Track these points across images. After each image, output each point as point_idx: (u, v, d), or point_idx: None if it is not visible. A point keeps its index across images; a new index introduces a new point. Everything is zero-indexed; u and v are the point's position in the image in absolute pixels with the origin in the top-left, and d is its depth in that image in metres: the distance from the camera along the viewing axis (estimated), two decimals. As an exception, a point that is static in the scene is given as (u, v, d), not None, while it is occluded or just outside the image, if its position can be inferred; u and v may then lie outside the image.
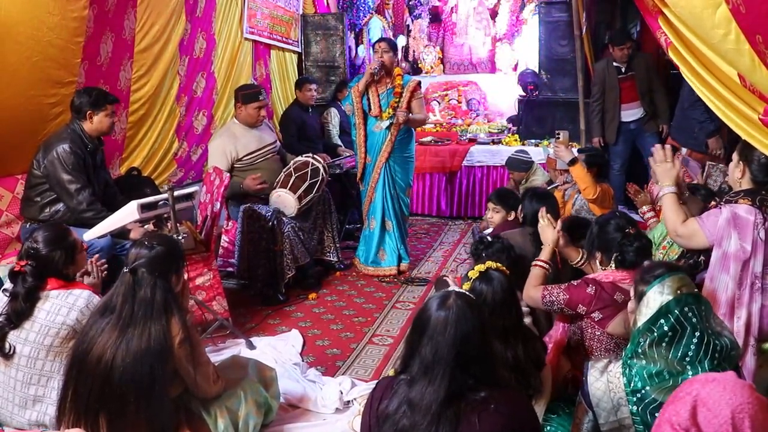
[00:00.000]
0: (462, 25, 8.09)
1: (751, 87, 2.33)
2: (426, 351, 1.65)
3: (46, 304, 2.53)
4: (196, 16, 5.40)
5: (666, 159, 2.74)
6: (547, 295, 2.63)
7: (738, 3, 2.02)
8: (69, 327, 2.49)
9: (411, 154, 5.05)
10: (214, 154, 4.51)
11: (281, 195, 4.42)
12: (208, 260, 3.85)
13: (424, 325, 1.68)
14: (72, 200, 3.48)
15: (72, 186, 3.47)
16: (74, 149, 3.48)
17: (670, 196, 2.71)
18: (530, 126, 6.93)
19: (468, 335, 1.65)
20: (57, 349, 2.50)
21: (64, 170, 3.45)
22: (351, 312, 4.29)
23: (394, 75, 4.88)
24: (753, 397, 1.42)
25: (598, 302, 2.50)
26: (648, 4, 3.07)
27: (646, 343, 1.97)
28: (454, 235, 6.28)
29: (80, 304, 2.52)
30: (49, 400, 2.51)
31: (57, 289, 2.56)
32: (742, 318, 2.49)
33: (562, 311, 2.62)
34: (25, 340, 2.50)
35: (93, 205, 3.51)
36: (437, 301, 1.71)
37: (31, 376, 2.51)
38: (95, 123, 3.60)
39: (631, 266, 2.56)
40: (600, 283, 2.54)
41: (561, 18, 6.63)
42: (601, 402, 2.05)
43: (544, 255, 2.89)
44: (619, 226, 2.64)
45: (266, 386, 2.67)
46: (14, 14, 3.50)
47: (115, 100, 3.73)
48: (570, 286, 2.62)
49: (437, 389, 1.60)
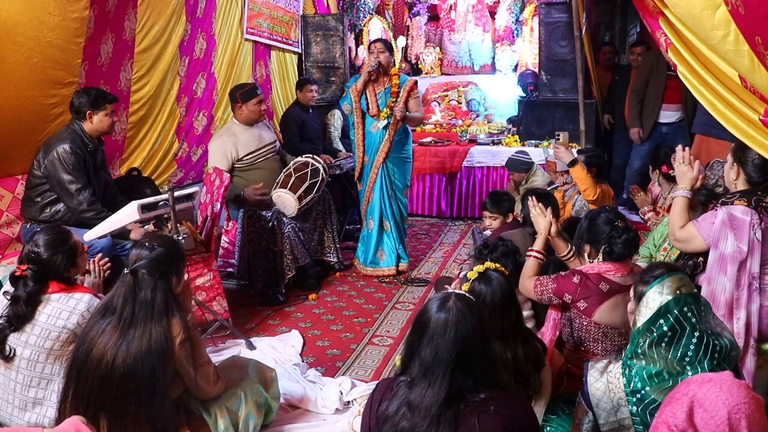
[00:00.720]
0: (461, 21, 8.07)
1: (752, 88, 2.33)
2: (426, 353, 1.65)
3: (47, 307, 2.52)
4: (196, 16, 5.41)
5: (685, 161, 2.77)
6: (538, 285, 2.72)
7: (737, 4, 2.02)
8: (70, 331, 2.48)
9: (408, 154, 5.06)
10: (215, 155, 4.51)
11: (281, 195, 4.42)
12: (208, 261, 3.85)
13: (424, 327, 1.69)
14: (72, 200, 3.48)
15: (72, 186, 3.47)
16: (74, 149, 3.48)
17: (680, 199, 2.75)
18: (530, 126, 6.93)
19: (468, 337, 1.65)
20: (57, 352, 2.50)
21: (65, 170, 3.45)
22: (351, 312, 4.29)
23: (391, 75, 4.89)
24: (749, 396, 1.43)
25: (582, 291, 2.57)
26: (648, 4, 3.07)
27: (645, 344, 1.97)
28: (454, 236, 6.28)
29: (81, 308, 2.51)
30: (49, 403, 2.51)
31: (58, 292, 2.55)
32: (742, 319, 2.50)
33: (551, 300, 2.69)
34: (25, 343, 2.49)
35: (93, 205, 3.51)
36: (437, 303, 1.71)
37: (31, 379, 2.50)
38: (95, 123, 3.60)
39: (618, 258, 2.63)
40: (585, 274, 2.62)
41: (561, 19, 6.63)
42: (601, 402, 2.05)
43: (537, 245, 2.94)
44: (609, 219, 2.68)
45: (266, 387, 2.67)
46: (15, 15, 3.50)
47: (114, 100, 3.73)
48: (558, 276, 2.70)
49: (437, 391, 1.61)
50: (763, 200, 2.54)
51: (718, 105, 2.59)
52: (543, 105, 6.89)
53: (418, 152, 6.73)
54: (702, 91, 2.69)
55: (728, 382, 1.45)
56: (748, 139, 2.44)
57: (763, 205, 2.53)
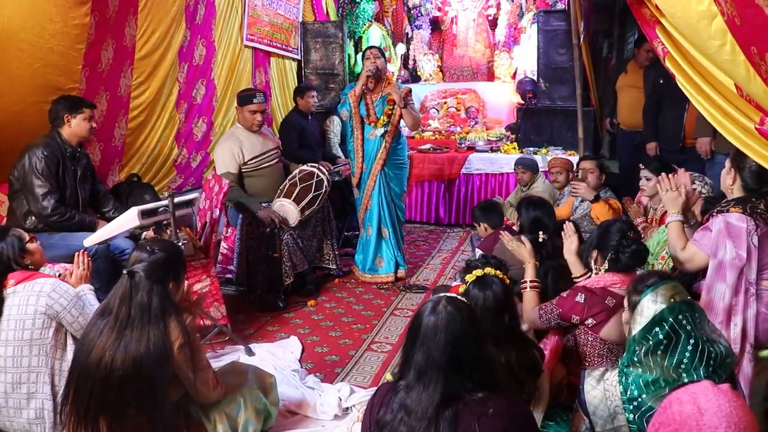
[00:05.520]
0: (462, 37, 8.15)
1: (748, 97, 2.34)
2: (419, 357, 1.67)
3: (15, 299, 2.56)
4: (196, 23, 5.43)
5: (671, 188, 2.82)
6: (543, 315, 2.69)
7: (733, 15, 2.04)
8: (42, 314, 2.52)
9: (404, 159, 5.09)
10: (223, 157, 4.51)
11: (284, 205, 4.42)
12: (207, 266, 3.86)
13: (416, 332, 1.70)
14: (37, 204, 3.46)
15: (39, 190, 3.45)
16: (47, 154, 3.47)
17: (674, 224, 2.79)
18: (529, 134, 6.96)
19: (459, 339, 1.66)
20: (38, 341, 2.52)
21: (34, 175, 3.44)
22: (350, 319, 4.30)
23: (386, 82, 4.92)
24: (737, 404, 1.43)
25: (590, 309, 2.54)
26: (646, 13, 3.09)
27: (641, 352, 1.98)
28: (452, 243, 6.29)
29: (47, 290, 2.55)
30: (43, 395, 2.53)
31: (21, 282, 2.60)
32: (738, 325, 2.51)
33: (560, 325, 2.66)
34: (5, 342, 2.52)
35: (58, 209, 3.48)
36: (428, 308, 1.73)
37: (20, 375, 2.52)
38: (73, 126, 3.58)
39: (623, 269, 2.62)
40: (590, 290, 2.59)
41: (559, 27, 6.67)
42: (598, 410, 2.06)
43: (528, 275, 2.94)
44: (621, 229, 2.69)
45: (265, 392, 2.68)
46: (16, 21, 3.52)
47: (91, 106, 3.72)
48: (560, 299, 2.67)
49: (432, 393, 1.62)
50: (758, 207, 2.56)
51: (714, 113, 2.60)
52: (541, 112, 6.92)
53: (416, 159, 6.75)
54: (699, 99, 2.70)
55: (714, 393, 1.45)
56: (744, 147, 2.45)
57: (759, 212, 2.55)
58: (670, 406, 1.50)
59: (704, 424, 1.40)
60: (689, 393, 1.48)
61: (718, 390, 1.46)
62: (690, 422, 1.42)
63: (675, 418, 1.46)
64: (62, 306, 2.54)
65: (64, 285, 2.62)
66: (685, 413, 1.44)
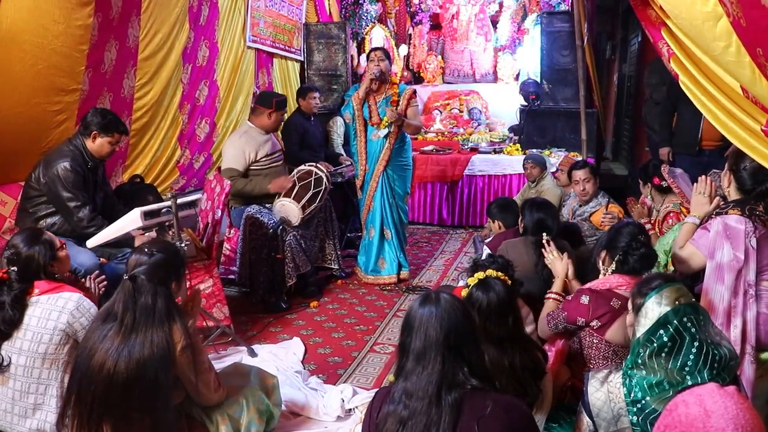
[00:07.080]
0: (463, 31, 8.11)
1: (753, 98, 2.34)
2: (416, 342, 1.69)
3: (37, 309, 2.51)
4: (199, 24, 5.43)
5: (704, 193, 2.82)
6: (550, 320, 2.70)
7: (738, 16, 2.03)
8: (61, 332, 2.48)
9: (408, 161, 5.09)
10: (233, 151, 4.53)
11: (285, 204, 4.41)
12: (210, 267, 3.86)
13: (411, 323, 1.73)
14: (72, 217, 3.48)
15: (72, 203, 3.46)
16: (74, 167, 3.47)
17: (688, 225, 2.83)
18: (532, 135, 6.95)
19: (454, 320, 1.70)
20: (52, 356, 2.49)
21: (64, 188, 3.45)
22: (352, 320, 4.30)
23: (390, 83, 4.93)
24: (744, 407, 1.43)
25: (595, 311, 2.54)
26: (651, 15, 3.09)
27: (645, 354, 1.97)
28: (455, 244, 6.29)
29: (70, 307, 2.51)
30: (48, 408, 2.51)
31: (45, 293, 2.55)
32: (738, 326, 2.51)
33: (567, 329, 2.66)
34: (19, 350, 2.49)
35: (94, 220, 3.49)
36: (418, 302, 1.77)
37: (29, 385, 2.50)
38: (96, 145, 3.57)
39: (630, 271, 2.62)
40: (595, 291, 2.59)
41: (563, 28, 6.67)
42: (602, 412, 2.06)
43: (556, 287, 2.95)
44: (632, 232, 2.69)
45: (268, 394, 2.67)
46: (19, 22, 3.52)
47: (125, 132, 3.73)
48: (565, 302, 2.68)
49: (431, 372, 1.65)
50: (756, 209, 2.58)
51: (720, 115, 2.60)
52: (545, 114, 6.92)
53: (419, 160, 6.74)
54: (704, 101, 2.70)
55: (720, 395, 1.45)
56: (749, 149, 2.44)
57: (757, 214, 2.56)
58: (676, 408, 1.49)
59: (711, 427, 1.40)
60: (695, 395, 1.47)
61: (725, 392, 1.45)
62: (696, 424, 1.42)
63: (681, 420, 1.45)
64: (82, 326, 2.50)
65: (87, 303, 2.57)
66: (692, 415, 1.44)
